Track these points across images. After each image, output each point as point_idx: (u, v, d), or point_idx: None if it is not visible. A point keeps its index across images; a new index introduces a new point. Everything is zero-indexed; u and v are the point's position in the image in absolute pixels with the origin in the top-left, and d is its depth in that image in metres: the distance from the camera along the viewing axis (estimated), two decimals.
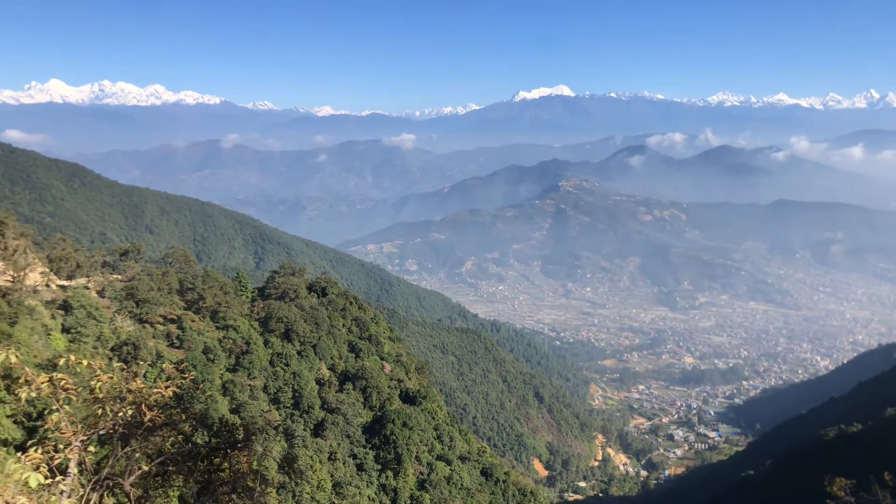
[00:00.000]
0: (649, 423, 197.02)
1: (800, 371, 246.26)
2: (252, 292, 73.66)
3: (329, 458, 53.53)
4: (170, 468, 11.27)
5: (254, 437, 12.60)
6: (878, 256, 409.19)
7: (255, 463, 12.64)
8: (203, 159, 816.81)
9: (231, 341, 57.16)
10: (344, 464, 54.93)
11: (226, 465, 11.80)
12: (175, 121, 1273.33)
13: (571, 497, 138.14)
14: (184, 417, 11.68)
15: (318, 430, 57.71)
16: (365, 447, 59.59)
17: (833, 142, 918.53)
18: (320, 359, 65.35)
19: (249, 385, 54.37)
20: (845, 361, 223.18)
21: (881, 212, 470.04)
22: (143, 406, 10.67)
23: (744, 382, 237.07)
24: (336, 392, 62.67)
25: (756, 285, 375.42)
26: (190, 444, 11.56)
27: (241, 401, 50.78)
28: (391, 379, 70.97)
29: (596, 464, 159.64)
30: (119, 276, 56.32)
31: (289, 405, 58.03)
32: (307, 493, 44.45)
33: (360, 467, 57.42)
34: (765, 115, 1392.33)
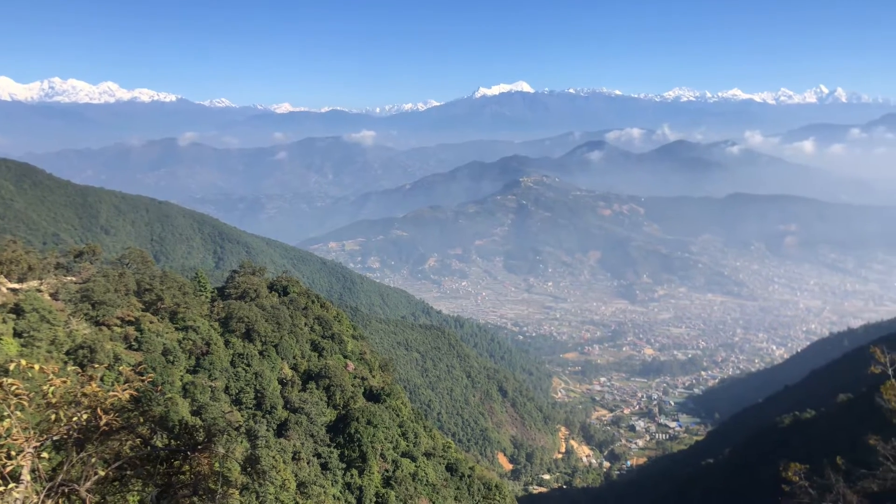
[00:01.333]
0: (611, 414, 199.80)
1: (756, 360, 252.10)
2: (212, 292, 72.57)
3: (293, 458, 53.12)
4: (128, 472, 11.09)
5: (215, 439, 12.46)
6: (828, 247, 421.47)
7: (216, 464, 12.51)
8: (159, 158, 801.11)
9: (191, 342, 56.28)
10: (308, 463, 54.57)
11: (186, 467, 11.67)
12: (129, 119, 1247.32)
13: (536, 490, 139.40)
14: (142, 420, 11.50)
15: (281, 430, 57.22)
16: (329, 446, 59.26)
17: (785, 136, 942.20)
18: (282, 358, 64.77)
19: (210, 386, 53.63)
20: (799, 350, 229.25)
21: (831, 204, 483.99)
22: (98, 410, 10.48)
23: (702, 373, 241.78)
24: (299, 391, 62.18)
25: (713, 277, 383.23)
26: (149, 448, 11.40)
27: (202, 402, 50.08)
28: (355, 377, 70.65)
29: (559, 456, 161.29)
30: (73, 278, 54.99)
31: (251, 406, 57.40)
32: (271, 494, 44.08)
33: (324, 466, 57.10)
34: (720, 109, 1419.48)
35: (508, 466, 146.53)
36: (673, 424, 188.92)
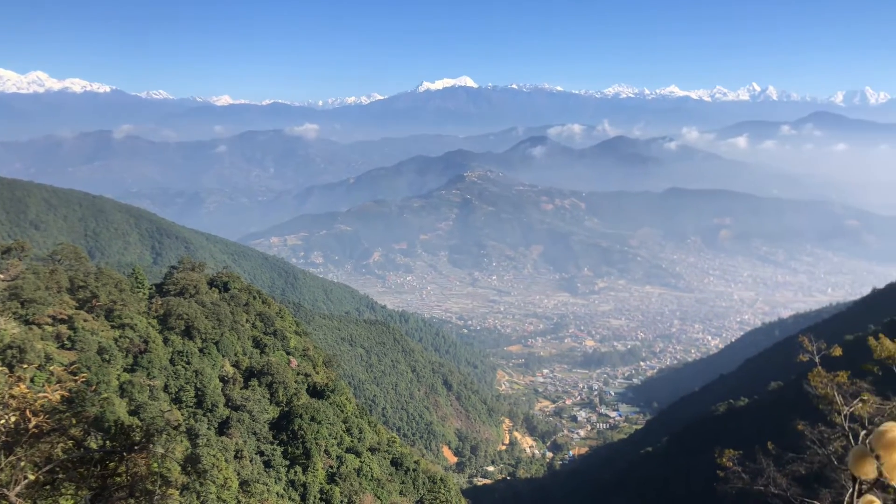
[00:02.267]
0: (554, 405, 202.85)
1: (692, 350, 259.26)
2: (150, 289, 70.80)
3: (235, 457, 52.31)
4: (60, 476, 10.75)
5: (153, 439, 12.19)
6: (761, 240, 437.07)
7: (154, 465, 12.24)
8: (93, 151, 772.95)
9: (128, 340, 54.77)
10: (251, 461, 53.83)
11: (122, 468, 11.37)
12: (60, 110, 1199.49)
13: (480, 482, 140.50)
14: (75, 422, 11.16)
15: (222, 428, 56.26)
16: (272, 443, 58.57)
17: (720, 132, 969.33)
18: (224, 356, 63.64)
19: (149, 385, 52.32)
20: (733, 340, 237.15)
21: (764, 198, 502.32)
22: (27, 412, 10.11)
23: (641, 363, 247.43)
24: (241, 389, 61.23)
25: (651, 270, 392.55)
26: (82, 450, 11.07)
27: (139, 402, 48.82)
28: (298, 373, 69.95)
29: (503, 448, 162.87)
30: (1, 276, 52.84)
31: (191, 404, 56.25)
32: (212, 493, 43.29)
33: (267, 464, 56.42)
34: (657, 106, 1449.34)
35: (453, 459, 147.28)
36: (613, 414, 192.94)
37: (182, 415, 53.34)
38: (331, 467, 60.89)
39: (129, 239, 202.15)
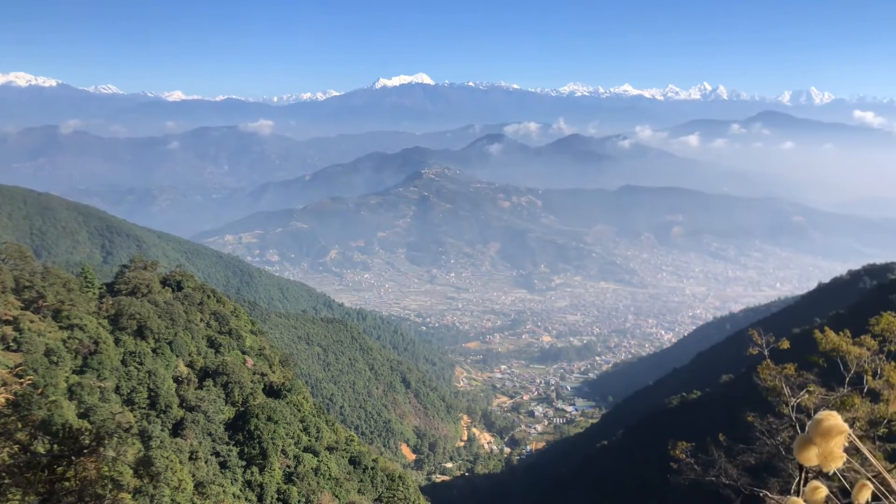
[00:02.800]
0: (511, 401, 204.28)
1: (646, 345, 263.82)
2: (100, 288, 69.02)
3: (190, 458, 51.41)
4: (6, 481, 10.43)
5: (104, 442, 11.91)
6: (712, 237, 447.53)
7: (105, 469, 11.96)
8: (38, 147, 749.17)
9: (77, 341, 53.32)
10: (206, 462, 52.98)
11: (71, 473, 11.09)
12: (4, 105, 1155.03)
13: (439, 478, 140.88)
14: (21, 426, 10.85)
15: (177, 429, 55.25)
16: (228, 444, 57.75)
17: (672, 130, 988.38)
18: (177, 356, 62.49)
19: (99, 387, 51.03)
20: (686, 334, 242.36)
21: (714, 195, 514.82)
22: None
23: (597, 358, 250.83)
24: (195, 389, 60.21)
25: (606, 266, 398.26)
26: (28, 454, 10.76)
27: (90, 404, 47.59)
28: (254, 373, 69.12)
29: (462, 444, 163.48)
30: None
31: (144, 406, 55.09)
32: (166, 496, 42.51)
33: (223, 465, 55.63)
34: (612, 105, 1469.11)
35: (412, 457, 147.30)
36: (570, 409, 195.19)
37: (134, 417, 52.21)
38: (288, 467, 60.35)
39: (78, 237, 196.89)
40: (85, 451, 11.33)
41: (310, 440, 66.44)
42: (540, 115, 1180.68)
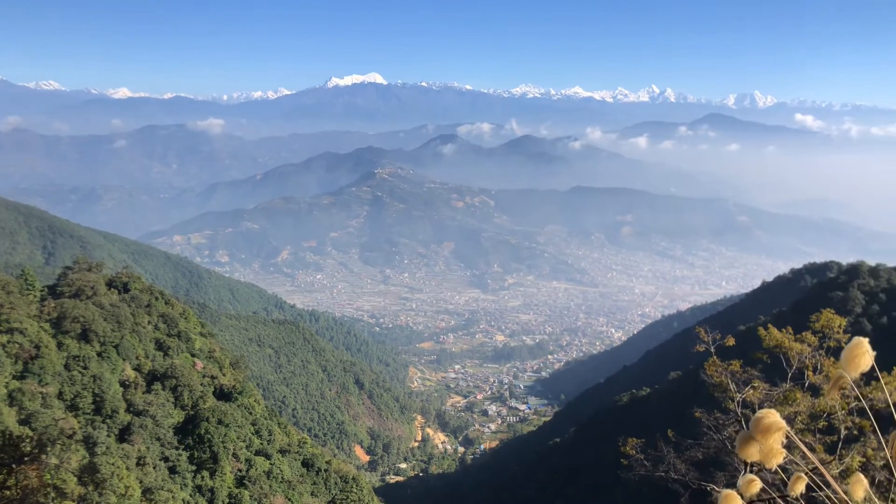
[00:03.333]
0: (465, 400, 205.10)
1: (597, 343, 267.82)
2: (41, 291, 66.87)
3: (137, 464, 50.18)
4: None
5: (46, 449, 11.59)
6: (660, 236, 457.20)
7: (48, 476, 11.63)
8: None
9: (17, 345, 51.54)
10: (154, 468, 51.79)
11: (11, 481, 10.74)
12: None
13: (393, 479, 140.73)
14: None
15: (123, 434, 53.85)
16: (177, 448, 56.56)
17: (622, 132, 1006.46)
18: (124, 359, 60.94)
19: (41, 392, 49.44)
20: (635, 332, 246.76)
21: (662, 196, 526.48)
22: None
23: (549, 356, 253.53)
24: (143, 393, 58.81)
25: (558, 266, 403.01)
26: None
27: (31, 410, 46.07)
28: (204, 376, 67.89)
29: (416, 444, 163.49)
30: None
31: (89, 411, 53.55)
32: (112, 503, 41.45)
33: (172, 470, 54.45)
34: (563, 106, 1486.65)
35: (366, 458, 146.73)
36: (523, 407, 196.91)
37: (79, 422, 50.73)
38: (239, 471, 59.46)
39: (18, 238, 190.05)
40: (26, 458, 10.99)
41: (262, 443, 65.61)
42: (492, 116, 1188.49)
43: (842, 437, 14.80)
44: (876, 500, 4.29)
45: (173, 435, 57.67)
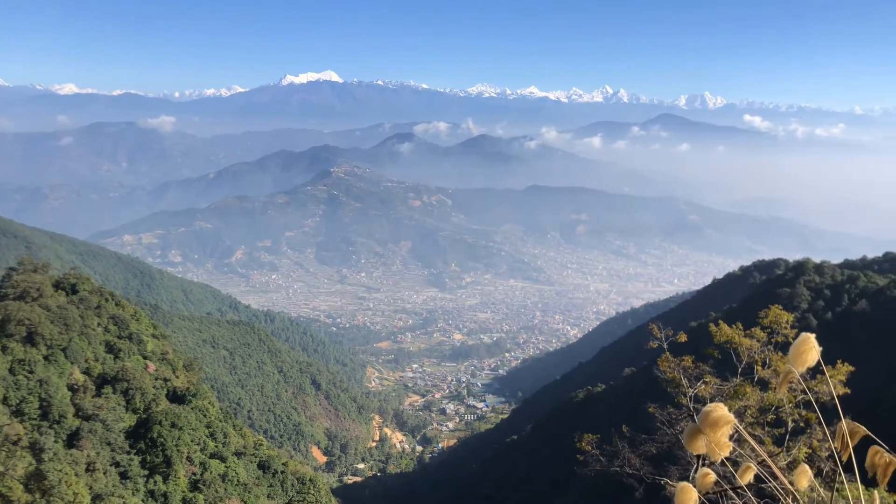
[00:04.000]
0: (423, 399, 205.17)
1: (554, 340, 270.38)
2: None
3: (87, 470, 48.94)
4: None
5: None
6: (614, 235, 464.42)
7: None
8: None
9: None
10: (105, 473, 50.56)
11: None
12: None
13: (351, 480, 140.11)
14: None
15: (72, 440, 52.44)
16: (129, 453, 55.32)
17: (576, 132, 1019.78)
18: (73, 362, 59.32)
19: None
20: (590, 329, 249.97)
21: (616, 195, 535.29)
22: None
23: (506, 354, 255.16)
24: (93, 397, 57.34)
25: (515, 264, 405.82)
26: None
27: None
28: (157, 378, 66.53)
29: (374, 444, 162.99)
30: None
31: (35, 416, 51.98)
32: None
33: (123, 475, 53.23)
34: (518, 106, 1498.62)
35: (323, 459, 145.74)
36: (480, 405, 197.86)
37: (24, 428, 49.22)
38: (194, 474, 58.46)
39: None
40: None
41: (217, 446, 64.64)
42: (449, 115, 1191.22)
43: (789, 429, 15.25)
44: (821, 489, 4.54)
45: (125, 439, 56.43)
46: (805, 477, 4.12)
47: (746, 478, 4.28)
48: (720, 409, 3.89)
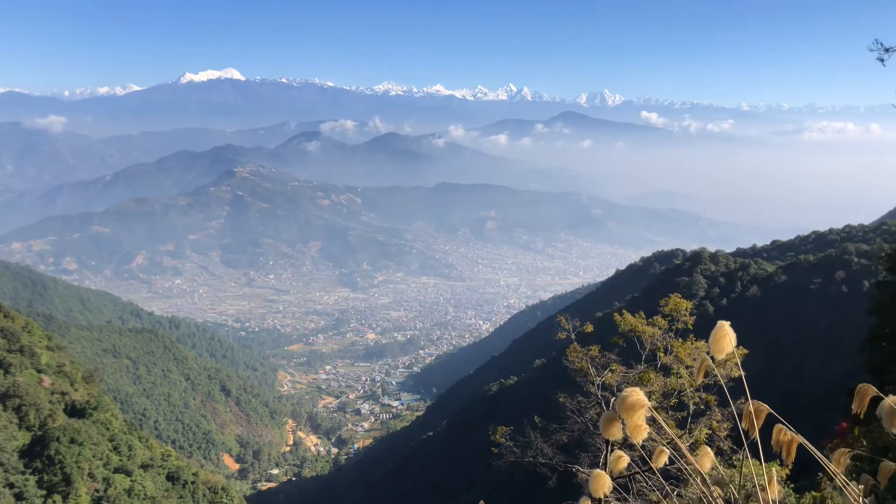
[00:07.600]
0: (337, 401, 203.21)
1: (467, 336, 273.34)
2: None
3: None
4: None
5: None
6: (522, 230, 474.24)
7: None
8: None
9: None
10: None
11: None
12: None
13: (265, 486, 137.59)
14: None
15: None
16: (24, 473, 52.25)
17: (483, 130, 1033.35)
18: None
19: None
20: (502, 323, 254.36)
21: (523, 191, 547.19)
22: None
23: (420, 351, 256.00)
24: None
25: (426, 262, 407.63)
26: None
27: None
28: (53, 392, 63.14)
29: (288, 449, 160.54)
30: None
31: None
32: None
33: (19, 496, 50.25)
34: (425, 104, 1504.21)
35: (235, 466, 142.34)
36: (395, 403, 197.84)
37: None
38: (97, 491, 55.83)
39: None
40: None
41: (121, 459, 61.99)
42: (356, 113, 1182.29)
43: (690, 412, 16.05)
44: (721, 468, 4.66)
45: (18, 459, 53.27)
46: (708, 458, 4.28)
47: (662, 460, 4.42)
48: (636, 394, 3.98)
